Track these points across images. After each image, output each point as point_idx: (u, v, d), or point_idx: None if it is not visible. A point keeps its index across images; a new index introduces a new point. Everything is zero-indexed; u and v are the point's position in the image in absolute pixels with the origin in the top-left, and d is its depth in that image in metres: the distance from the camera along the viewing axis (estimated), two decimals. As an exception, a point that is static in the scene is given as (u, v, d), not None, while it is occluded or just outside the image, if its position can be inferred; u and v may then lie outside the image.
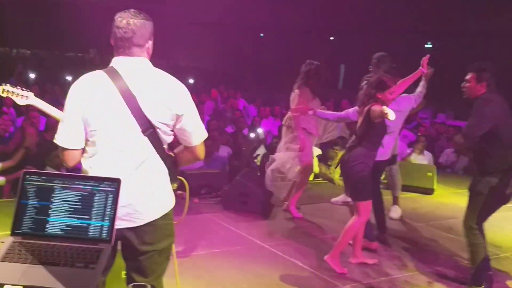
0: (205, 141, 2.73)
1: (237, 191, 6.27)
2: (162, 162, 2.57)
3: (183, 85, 2.58)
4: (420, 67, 5.31)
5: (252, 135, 9.21)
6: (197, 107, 2.66)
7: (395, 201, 6.44)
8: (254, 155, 8.77)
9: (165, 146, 2.61)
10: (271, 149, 9.01)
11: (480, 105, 4.23)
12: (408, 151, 9.10)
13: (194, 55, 24.99)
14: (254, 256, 4.93)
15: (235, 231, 5.56)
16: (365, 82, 5.71)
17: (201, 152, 2.71)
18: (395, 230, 5.92)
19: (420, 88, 5.39)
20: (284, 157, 6.15)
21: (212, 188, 6.78)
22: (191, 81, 15.49)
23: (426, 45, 19.32)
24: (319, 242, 5.42)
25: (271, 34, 24.39)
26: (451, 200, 7.55)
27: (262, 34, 25.99)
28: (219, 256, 4.84)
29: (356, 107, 4.94)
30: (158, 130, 2.52)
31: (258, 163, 8.38)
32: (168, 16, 27.79)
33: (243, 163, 8.31)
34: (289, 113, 6.16)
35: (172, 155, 2.71)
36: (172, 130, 2.59)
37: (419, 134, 9.95)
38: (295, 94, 6.04)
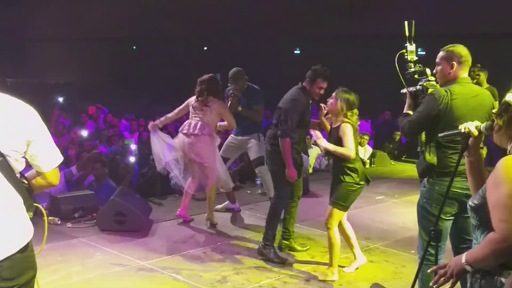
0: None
1: (113, 211, 6.05)
2: (15, 191, 2.43)
3: (32, 109, 2.48)
4: None
5: (132, 158, 8.96)
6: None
7: None
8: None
9: (18, 174, 2.46)
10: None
11: None
12: None
13: (63, 72, 24.00)
14: (132, 276, 4.79)
15: (112, 252, 5.36)
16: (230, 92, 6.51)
17: (55, 178, 2.60)
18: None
19: None
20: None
21: (86, 210, 6.49)
22: (60, 99, 14.74)
23: (295, 51, 20.08)
24: (200, 254, 5.39)
25: (144, 46, 24.03)
26: (326, 198, 7.80)
27: (135, 47, 25.55)
28: (95, 281, 4.64)
29: None
30: (8, 158, 2.38)
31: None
32: (35, 34, 26.48)
33: (121, 182, 8.02)
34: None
35: (26, 182, 2.56)
36: (23, 157, 2.46)
37: None
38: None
